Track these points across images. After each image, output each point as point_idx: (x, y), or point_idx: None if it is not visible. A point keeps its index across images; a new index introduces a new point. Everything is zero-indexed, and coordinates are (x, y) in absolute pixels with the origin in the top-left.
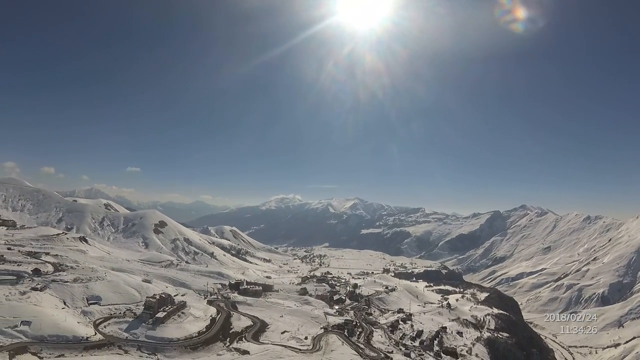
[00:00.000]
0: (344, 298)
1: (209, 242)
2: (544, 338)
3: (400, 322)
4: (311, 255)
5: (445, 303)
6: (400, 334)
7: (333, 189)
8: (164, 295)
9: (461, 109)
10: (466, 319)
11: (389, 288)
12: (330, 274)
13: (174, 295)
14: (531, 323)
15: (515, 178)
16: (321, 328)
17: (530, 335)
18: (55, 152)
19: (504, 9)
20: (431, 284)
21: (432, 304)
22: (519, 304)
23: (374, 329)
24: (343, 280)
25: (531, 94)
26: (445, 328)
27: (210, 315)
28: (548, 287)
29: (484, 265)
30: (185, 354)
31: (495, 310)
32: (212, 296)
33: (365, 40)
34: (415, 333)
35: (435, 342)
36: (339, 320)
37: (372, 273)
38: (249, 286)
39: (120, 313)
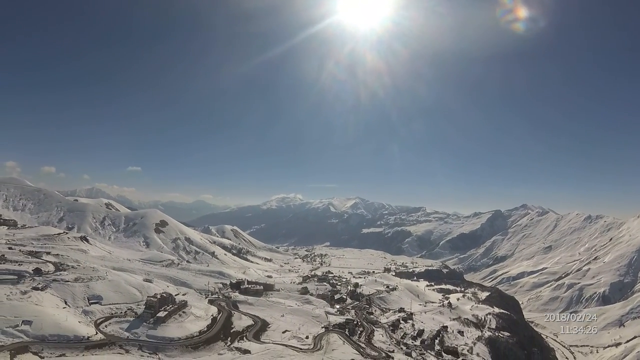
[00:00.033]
0: (345, 297)
1: (210, 242)
2: (545, 337)
3: (402, 322)
4: (312, 255)
5: (446, 302)
6: (402, 333)
7: (334, 188)
8: (165, 295)
9: (462, 108)
10: (467, 318)
11: (390, 287)
12: (331, 273)
13: (175, 295)
14: (532, 322)
15: (516, 177)
16: (322, 327)
17: (531, 335)
18: (56, 152)
19: (505, 8)
20: (432, 283)
21: (433, 303)
22: (520, 303)
23: (375, 328)
24: (344, 280)
25: (532, 94)
26: (447, 327)
27: (212, 315)
28: (549, 287)
29: (485, 264)
30: (186, 354)
31: (496, 310)
32: (213, 295)
33: (366, 39)
34: (416, 332)
35: (437, 342)
36: (340, 319)
37: (373, 272)
38: (250, 285)
39: (121, 312)
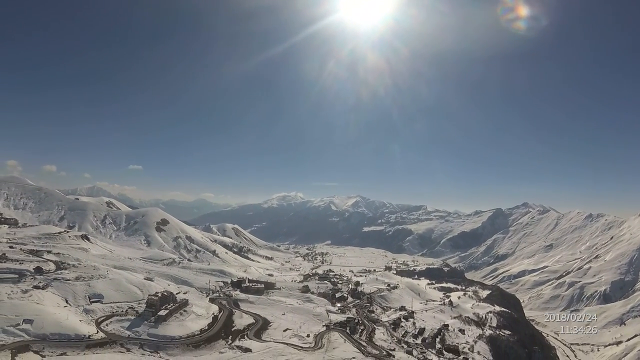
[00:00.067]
0: (346, 296)
1: (211, 240)
2: (545, 335)
3: (402, 320)
4: (313, 253)
5: (447, 301)
6: (403, 332)
7: (335, 186)
8: (166, 293)
9: (463, 107)
10: (468, 317)
11: (391, 286)
12: (332, 272)
13: (176, 293)
14: (533, 320)
15: (518, 176)
16: (323, 326)
17: (532, 333)
18: (57, 151)
19: (507, 6)
20: (433, 282)
21: (434, 301)
22: (521, 301)
23: (376, 327)
24: (345, 278)
25: (533, 93)
26: (447, 325)
27: (212, 313)
28: (550, 285)
29: (486, 262)
30: (187, 352)
31: (497, 308)
32: (214, 294)
33: (367, 38)
34: (417, 331)
35: (437, 340)
36: (341, 317)
37: (374, 271)
38: (251, 284)
39: (122, 311)
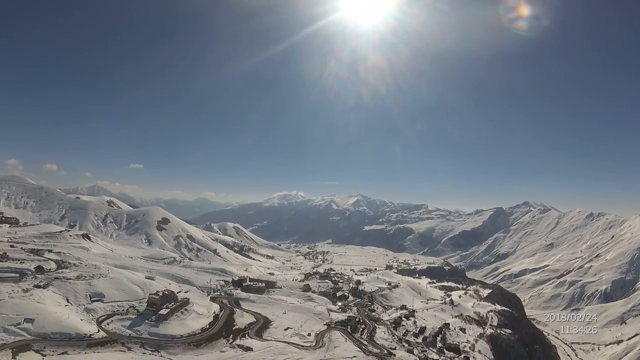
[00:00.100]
0: (347, 294)
1: (212, 239)
2: (546, 334)
3: (403, 319)
4: (314, 252)
5: (448, 299)
6: (403, 331)
7: (336, 185)
8: (167, 292)
9: (464, 106)
10: (469, 316)
11: (392, 284)
12: (333, 271)
13: (177, 292)
14: (534, 319)
15: (518, 175)
16: (324, 324)
17: (533, 332)
18: (58, 149)
19: (509, 5)
20: (434, 281)
21: (435, 300)
22: (522, 300)
23: (377, 326)
24: (346, 277)
25: (534, 92)
26: (448, 324)
27: (213, 312)
28: (551, 284)
29: (487, 261)
30: (188, 351)
31: (498, 307)
32: (215, 293)
33: (368, 36)
34: (418, 329)
35: (438, 339)
36: (342, 316)
37: (375, 269)
38: (252, 283)
39: (123, 310)
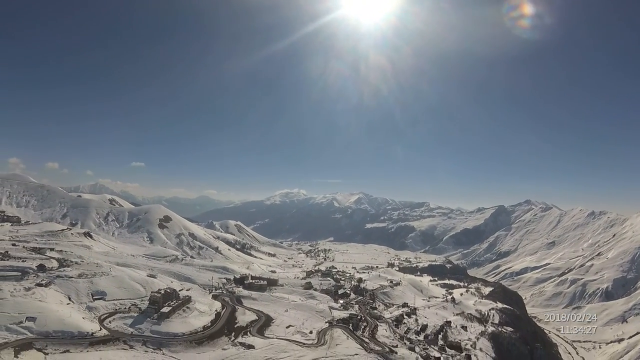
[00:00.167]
0: (348, 292)
1: (214, 237)
2: (547, 332)
3: (405, 317)
4: (316, 250)
5: (449, 297)
6: (405, 328)
7: (338, 183)
8: (168, 290)
9: (466, 104)
10: (470, 313)
11: (394, 282)
12: (335, 268)
13: (179, 290)
14: (535, 317)
15: (520, 173)
16: (326, 322)
17: (534, 330)
18: (60, 148)
19: (512, 4)
20: (435, 278)
21: (437, 298)
22: (523, 298)
23: (379, 323)
24: (348, 275)
25: (536, 91)
26: (450, 322)
27: (215, 310)
28: (552, 282)
29: (488, 259)
30: (190, 349)
31: (500, 305)
32: (217, 291)
33: (370, 35)
34: (419, 327)
35: (440, 336)
36: (343, 314)
37: (377, 267)
38: (253, 280)
39: (125, 308)
